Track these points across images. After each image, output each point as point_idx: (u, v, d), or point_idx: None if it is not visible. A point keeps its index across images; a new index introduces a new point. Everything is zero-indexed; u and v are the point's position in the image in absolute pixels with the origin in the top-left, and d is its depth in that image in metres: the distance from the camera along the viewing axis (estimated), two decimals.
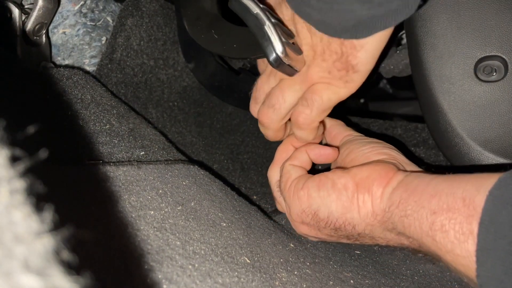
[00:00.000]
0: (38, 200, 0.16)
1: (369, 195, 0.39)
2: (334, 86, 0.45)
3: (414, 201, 0.35)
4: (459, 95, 0.45)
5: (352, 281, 0.41)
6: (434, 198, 0.34)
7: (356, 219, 0.40)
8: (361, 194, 0.40)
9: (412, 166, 0.42)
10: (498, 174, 0.32)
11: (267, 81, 0.50)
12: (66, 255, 0.15)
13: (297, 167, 0.48)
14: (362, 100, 0.82)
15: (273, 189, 0.51)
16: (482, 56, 0.44)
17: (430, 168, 0.42)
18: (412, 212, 0.35)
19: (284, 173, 0.47)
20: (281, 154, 0.51)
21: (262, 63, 0.52)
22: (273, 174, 0.51)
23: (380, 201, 0.39)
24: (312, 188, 0.43)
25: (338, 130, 0.50)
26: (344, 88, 0.46)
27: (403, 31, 0.67)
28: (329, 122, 0.52)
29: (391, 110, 0.81)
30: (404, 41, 0.68)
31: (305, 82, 0.46)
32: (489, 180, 0.31)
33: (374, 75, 0.67)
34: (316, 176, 0.44)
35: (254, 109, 0.52)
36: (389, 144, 0.46)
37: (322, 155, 0.49)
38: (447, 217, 0.32)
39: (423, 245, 0.35)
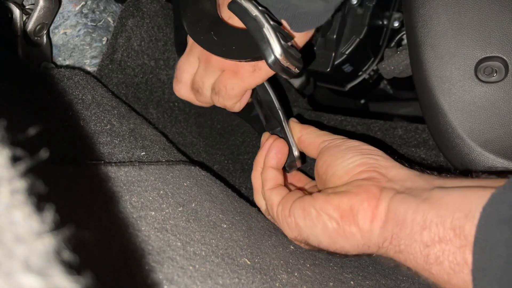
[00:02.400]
0: (38, 200, 0.16)
1: (356, 227, 0.37)
2: (241, 74, 0.49)
3: (406, 234, 0.34)
4: (460, 96, 0.45)
5: (352, 282, 0.41)
6: (425, 230, 0.33)
7: (346, 247, 0.39)
8: (347, 226, 0.38)
9: (394, 169, 0.40)
10: (490, 189, 0.31)
11: (187, 60, 0.54)
12: (67, 255, 0.16)
13: (274, 189, 0.47)
14: (362, 101, 0.82)
15: (266, 216, 0.50)
16: (483, 57, 0.44)
17: (413, 165, 0.41)
18: (406, 247, 0.35)
19: (267, 201, 0.47)
20: (256, 180, 0.50)
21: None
22: (259, 202, 0.50)
23: (370, 234, 0.37)
24: (298, 217, 0.41)
25: (310, 139, 0.48)
26: (250, 77, 0.49)
27: (404, 32, 0.67)
28: (300, 131, 0.50)
29: (392, 110, 0.81)
30: (405, 41, 0.68)
31: (219, 66, 0.50)
32: (479, 200, 0.31)
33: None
34: (300, 201, 0.42)
35: (175, 87, 0.56)
36: (367, 147, 0.43)
37: (278, 154, 0.48)
38: (440, 249, 0.32)
39: (422, 276, 0.35)
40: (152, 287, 0.29)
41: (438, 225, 0.32)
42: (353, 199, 0.38)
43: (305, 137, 0.49)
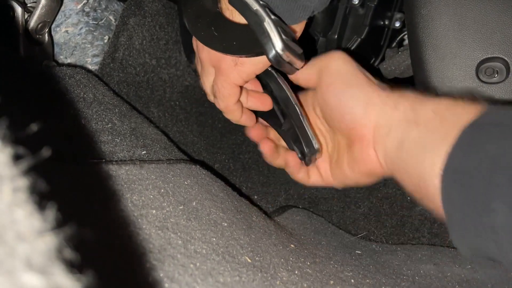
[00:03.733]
0: (40, 198, 0.16)
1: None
2: (223, 69, 0.48)
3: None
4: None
5: (352, 281, 0.41)
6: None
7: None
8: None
9: (375, 117, 0.42)
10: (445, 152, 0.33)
11: (198, 60, 0.54)
12: (69, 253, 0.16)
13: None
14: None
15: None
16: (484, 57, 0.44)
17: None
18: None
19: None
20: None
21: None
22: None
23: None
24: None
25: (306, 75, 0.48)
26: (233, 72, 0.48)
27: (405, 32, 0.67)
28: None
29: None
30: (406, 42, 0.68)
31: (206, 61, 0.50)
32: (438, 157, 0.33)
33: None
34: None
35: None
36: (347, 97, 0.45)
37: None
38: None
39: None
40: (153, 285, 0.29)
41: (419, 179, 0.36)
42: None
43: (299, 74, 0.48)
